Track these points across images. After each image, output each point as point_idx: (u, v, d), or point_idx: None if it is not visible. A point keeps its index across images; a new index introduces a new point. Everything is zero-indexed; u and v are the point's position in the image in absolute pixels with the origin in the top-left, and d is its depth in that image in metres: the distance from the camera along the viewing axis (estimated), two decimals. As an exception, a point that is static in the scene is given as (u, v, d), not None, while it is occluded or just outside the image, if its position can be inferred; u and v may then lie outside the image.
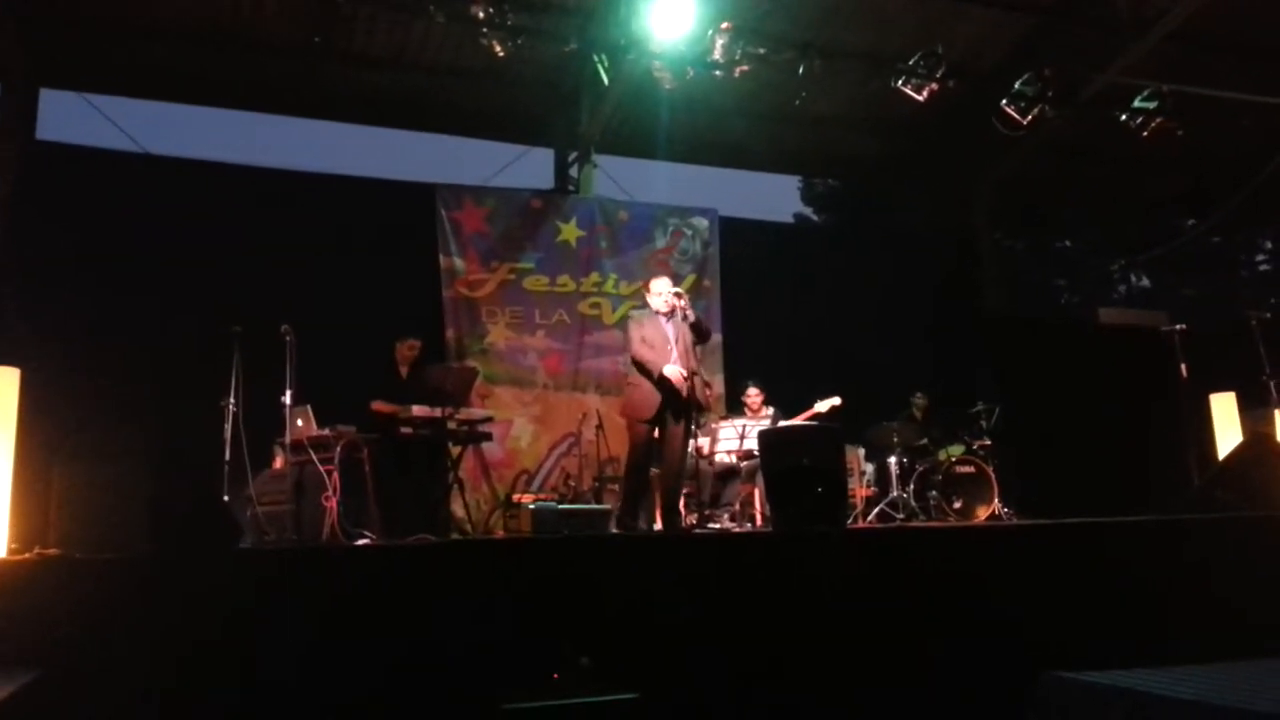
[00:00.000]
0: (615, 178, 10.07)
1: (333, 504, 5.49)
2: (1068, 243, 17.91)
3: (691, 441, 6.08)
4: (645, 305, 6.27)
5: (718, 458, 7.44)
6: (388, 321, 7.50)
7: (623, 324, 8.35)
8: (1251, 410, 7.16)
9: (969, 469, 7.82)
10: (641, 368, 5.86)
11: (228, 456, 5.68)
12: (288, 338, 5.73)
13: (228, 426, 5.72)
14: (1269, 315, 7.50)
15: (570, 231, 9.39)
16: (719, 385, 9.17)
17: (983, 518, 7.52)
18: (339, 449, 5.76)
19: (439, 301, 8.73)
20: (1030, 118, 8.97)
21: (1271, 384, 6.99)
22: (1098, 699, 2.35)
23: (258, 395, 5.84)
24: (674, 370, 5.79)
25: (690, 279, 9.48)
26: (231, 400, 5.74)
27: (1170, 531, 5.10)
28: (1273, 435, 6.40)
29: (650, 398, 5.85)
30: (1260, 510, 5.48)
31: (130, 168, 8.19)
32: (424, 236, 8.83)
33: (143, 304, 7.39)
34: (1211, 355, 7.49)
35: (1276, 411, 6.92)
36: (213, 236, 7.84)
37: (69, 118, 8.70)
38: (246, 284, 7.51)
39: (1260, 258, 18.03)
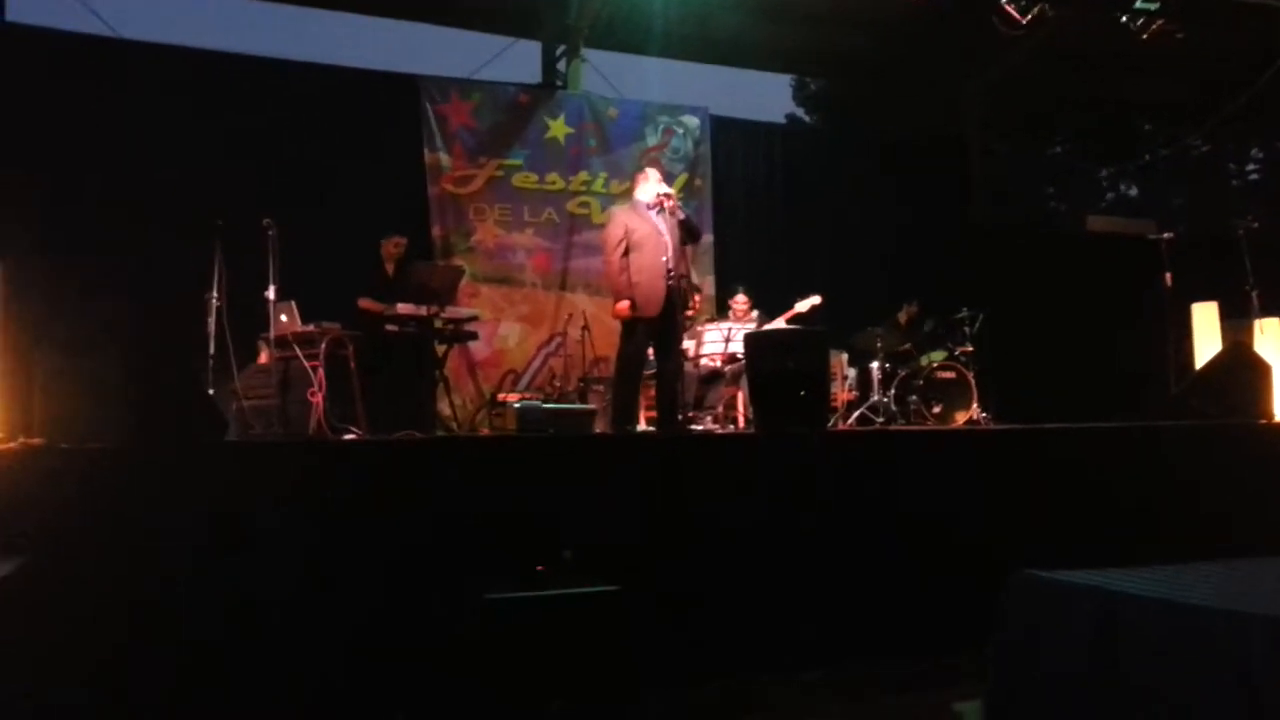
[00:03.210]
0: (604, 73, 9.83)
1: (318, 399, 5.50)
2: (1058, 149, 17.72)
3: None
4: (630, 200, 6.15)
5: (702, 360, 7.47)
6: (373, 218, 7.41)
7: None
8: (1232, 320, 7.21)
9: (950, 374, 7.91)
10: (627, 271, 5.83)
11: (211, 350, 5.66)
12: (270, 231, 5.64)
13: (211, 320, 5.68)
14: (1256, 225, 7.48)
15: (559, 128, 9.21)
16: (709, 287, 9.16)
17: (961, 422, 7.64)
18: (324, 345, 5.73)
19: (425, 198, 8.60)
20: (1030, 16, 8.76)
21: (1254, 294, 7.02)
22: (1069, 597, 2.42)
23: (241, 290, 5.79)
24: (624, 307, 5.77)
25: (682, 178, 9.36)
26: (214, 294, 5.69)
27: (1145, 437, 5.20)
28: (1251, 345, 6.46)
29: (654, 296, 5.76)
30: (1235, 419, 5.58)
31: (105, 52, 7.91)
32: (409, 131, 8.64)
33: (122, 193, 7.24)
34: (1197, 265, 7.51)
35: (1257, 322, 6.97)
36: (191, 125, 7.62)
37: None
38: (227, 176, 7.36)
39: (1250, 167, 17.91)
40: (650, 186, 5.94)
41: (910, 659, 4.09)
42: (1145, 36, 8.87)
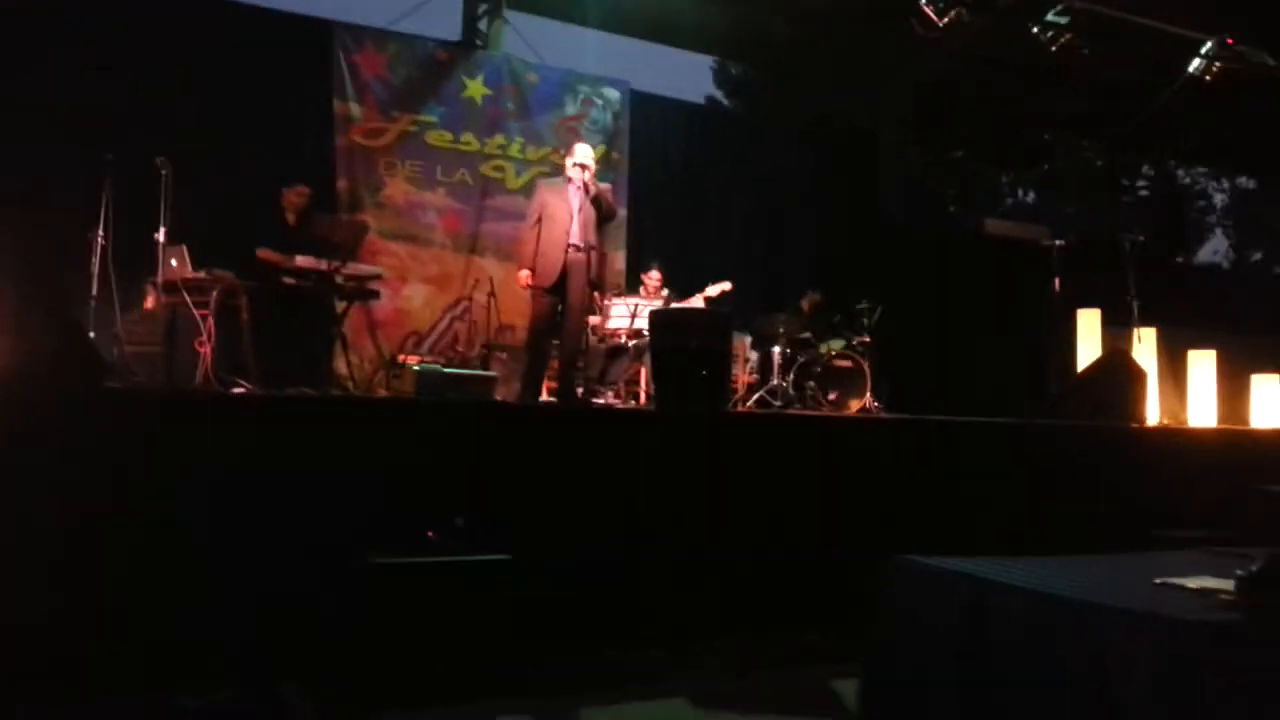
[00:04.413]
0: (526, 37, 9.67)
1: (207, 350, 5.30)
2: (962, 152, 18.24)
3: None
4: (553, 172, 6.20)
5: (608, 334, 7.47)
6: (276, 165, 7.15)
7: (528, 189, 8.19)
8: (1114, 327, 7.57)
9: (846, 363, 8.10)
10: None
11: (94, 292, 5.40)
12: (163, 171, 5.40)
13: (95, 260, 5.41)
14: (1141, 239, 7.85)
15: (476, 88, 9.03)
16: (619, 262, 9.15)
17: (854, 410, 7.84)
18: (215, 294, 5.52)
19: (332, 148, 8.34)
20: (946, 19, 8.96)
21: (1135, 304, 7.38)
22: (943, 582, 2.51)
23: (129, 231, 5.53)
24: (525, 276, 5.99)
25: (600, 150, 9.29)
26: (100, 233, 5.42)
27: (1020, 434, 5.43)
28: (1129, 353, 6.79)
29: (550, 267, 5.85)
30: (1109, 421, 5.86)
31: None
32: (319, 78, 8.35)
33: (7, 124, 6.80)
34: (1084, 273, 7.84)
35: (1136, 330, 7.33)
36: (89, 56, 7.21)
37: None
38: (121, 111, 6.99)
39: (1140, 183, 18.79)
40: (572, 160, 6.00)
41: (790, 636, 4.20)
42: (1054, 49, 9.17)
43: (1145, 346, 7.24)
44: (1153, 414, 6.67)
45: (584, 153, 6.11)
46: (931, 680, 2.45)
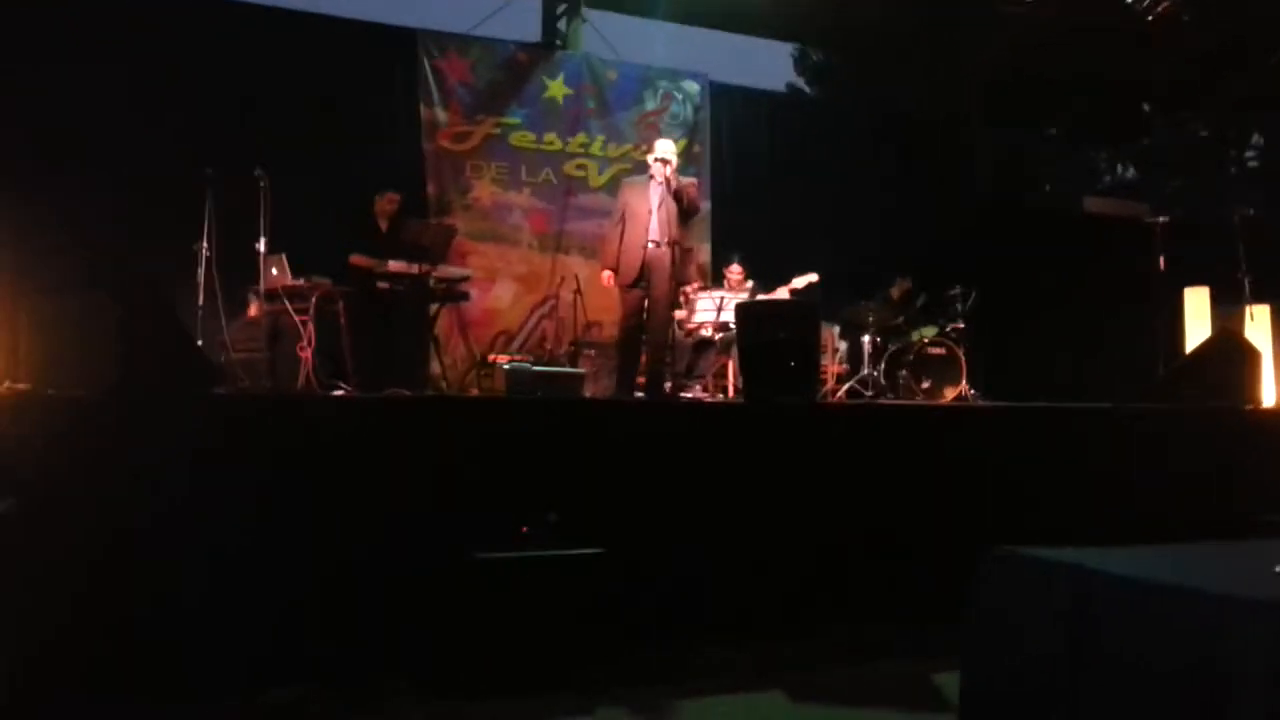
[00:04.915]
0: (604, 34, 9.72)
1: (308, 354, 5.49)
2: (1055, 130, 17.65)
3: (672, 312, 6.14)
4: (636, 169, 6.24)
5: (694, 329, 7.47)
6: (367, 173, 7.34)
7: (610, 187, 8.24)
8: (1223, 306, 7.23)
9: (940, 350, 7.91)
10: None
11: (201, 301, 5.63)
12: (261, 183, 5.60)
13: (200, 270, 5.65)
14: (1251, 212, 7.47)
15: (557, 88, 9.12)
16: (704, 255, 9.14)
17: (949, 399, 7.66)
18: (314, 300, 5.72)
19: (420, 154, 8.52)
20: (1034, -7, 8.69)
21: (1246, 281, 7.04)
22: (1045, 574, 2.44)
23: (232, 241, 5.75)
24: (607, 278, 6.08)
25: (681, 144, 9.27)
26: (204, 244, 5.64)
27: (1127, 420, 5.22)
28: (1240, 332, 6.48)
29: (631, 264, 5.90)
30: (1221, 403, 5.60)
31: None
32: (405, 86, 8.55)
33: (113, 140, 7.13)
34: (1191, 250, 7.50)
35: (1248, 309, 6.99)
36: (185, 72, 7.52)
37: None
38: (220, 125, 7.27)
39: (1250, 154, 17.86)
40: (653, 155, 6.05)
41: (885, 629, 4.13)
42: (1151, 18, 8.81)
43: (1259, 324, 6.89)
44: (1269, 394, 6.34)
45: (665, 147, 6.12)
46: (1034, 673, 2.38)
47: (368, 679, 3.52)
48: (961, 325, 8.14)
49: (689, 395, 6.85)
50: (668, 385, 6.36)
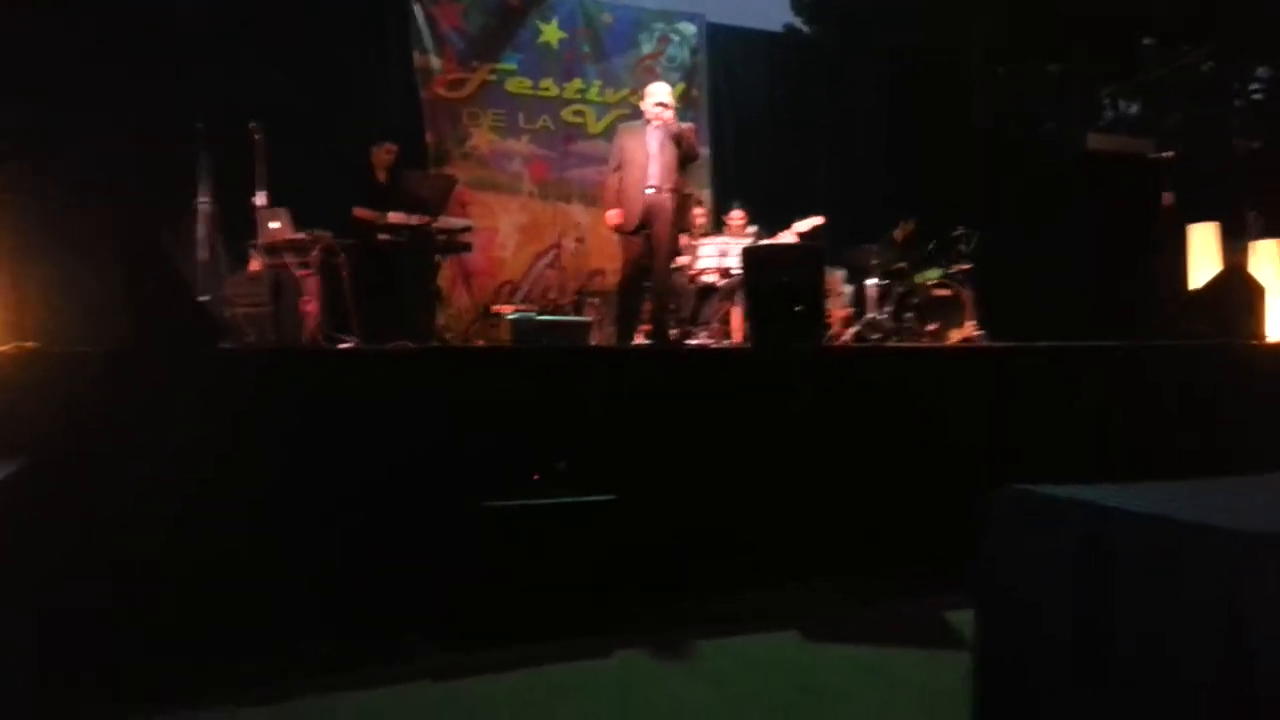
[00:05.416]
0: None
1: (312, 308, 5.47)
2: (1054, 68, 17.37)
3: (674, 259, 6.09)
4: (633, 115, 6.15)
5: (697, 274, 7.43)
6: (364, 123, 7.25)
7: (609, 133, 8.14)
8: (1230, 242, 7.19)
9: (945, 292, 7.87)
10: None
11: (204, 256, 5.60)
12: (256, 136, 5.54)
13: (200, 226, 5.61)
14: (1257, 145, 7.39)
15: (551, 32, 8.98)
16: (707, 201, 9.06)
17: (956, 340, 7.65)
18: (316, 253, 5.68)
19: (416, 104, 8.41)
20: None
21: (1252, 216, 6.99)
22: (1056, 511, 2.45)
23: (232, 196, 5.70)
24: (612, 216, 5.93)
25: (679, 88, 9.16)
26: (202, 199, 5.60)
27: (1134, 357, 5.22)
28: (1245, 267, 6.45)
29: (632, 211, 5.86)
30: (1228, 339, 5.60)
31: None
32: (397, 33, 8.41)
33: (108, 97, 7.02)
34: (1196, 185, 7.44)
35: (1254, 244, 6.95)
36: (175, 23, 7.38)
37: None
38: (211, 78, 7.16)
39: (1254, 86, 17.60)
40: (649, 101, 5.93)
41: (899, 570, 4.18)
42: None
43: (1264, 260, 6.85)
44: (1274, 330, 6.33)
45: (661, 91, 6.02)
46: (1046, 611, 2.41)
47: (383, 630, 3.56)
48: (967, 266, 8.09)
49: (694, 342, 6.84)
50: (673, 332, 6.35)
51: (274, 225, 5.72)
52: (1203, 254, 7.15)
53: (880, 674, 3.16)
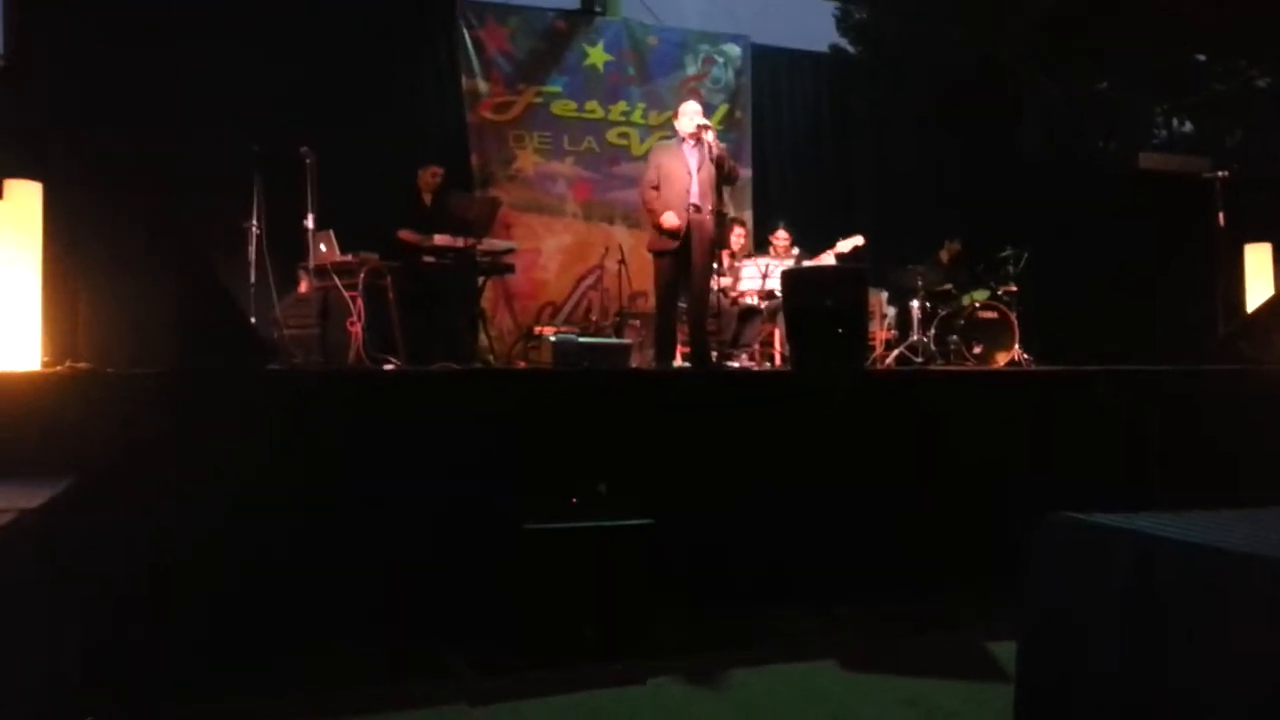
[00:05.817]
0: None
1: (358, 329, 5.55)
2: (1107, 83, 17.12)
3: (715, 280, 6.05)
4: (673, 135, 6.15)
5: (739, 297, 7.42)
6: (411, 146, 7.36)
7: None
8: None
9: (991, 314, 7.77)
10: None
11: (252, 279, 5.71)
12: (307, 160, 5.64)
13: (251, 249, 5.71)
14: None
15: (597, 55, 9.06)
16: (747, 222, 9.05)
17: (1002, 363, 7.54)
18: (362, 275, 5.76)
19: (463, 126, 8.53)
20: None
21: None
22: (1105, 540, 2.39)
23: (280, 218, 5.81)
24: (670, 218, 5.79)
25: (722, 109, 9.19)
26: (254, 222, 5.71)
27: (1186, 382, 5.10)
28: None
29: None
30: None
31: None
32: (446, 57, 8.55)
33: (161, 118, 7.21)
34: (1252, 205, 7.26)
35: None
36: (230, 49, 7.54)
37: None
38: (264, 102, 7.31)
39: (1315, 104, 17.18)
40: (687, 120, 5.92)
41: (941, 596, 4.10)
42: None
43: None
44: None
45: (694, 109, 5.99)
46: (1093, 642, 2.35)
47: (421, 652, 3.57)
48: (1013, 288, 7.98)
49: (735, 364, 6.82)
50: (714, 355, 6.32)
51: (322, 248, 5.82)
52: (1259, 276, 6.96)
53: (920, 708, 3.09)
